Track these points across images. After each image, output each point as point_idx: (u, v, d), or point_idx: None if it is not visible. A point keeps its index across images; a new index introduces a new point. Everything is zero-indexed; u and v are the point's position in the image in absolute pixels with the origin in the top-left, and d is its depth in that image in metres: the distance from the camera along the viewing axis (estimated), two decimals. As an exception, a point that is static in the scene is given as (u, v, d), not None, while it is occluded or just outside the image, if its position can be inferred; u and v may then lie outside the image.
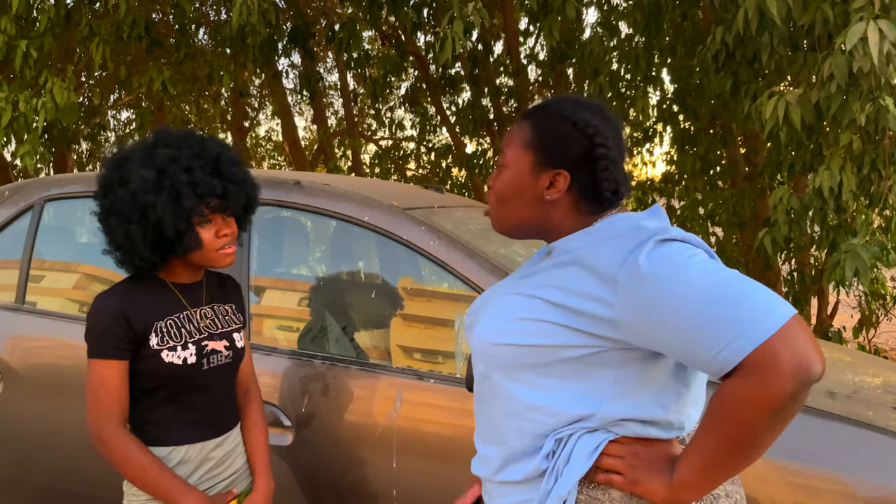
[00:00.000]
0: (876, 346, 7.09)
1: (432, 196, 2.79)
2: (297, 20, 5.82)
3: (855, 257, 3.04)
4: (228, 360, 1.69)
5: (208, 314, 1.70)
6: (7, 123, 4.65)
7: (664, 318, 1.04)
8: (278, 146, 14.24)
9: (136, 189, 1.51)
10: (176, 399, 1.61)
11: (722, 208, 6.58)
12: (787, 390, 0.96)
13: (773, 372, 0.97)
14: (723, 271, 1.04)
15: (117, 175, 1.55)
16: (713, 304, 1.01)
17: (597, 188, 1.19)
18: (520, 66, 6.64)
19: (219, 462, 1.68)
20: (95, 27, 5.26)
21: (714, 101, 5.49)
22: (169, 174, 1.52)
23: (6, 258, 2.69)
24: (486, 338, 1.20)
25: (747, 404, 0.99)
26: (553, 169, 1.19)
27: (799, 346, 0.97)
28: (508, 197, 1.24)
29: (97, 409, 1.52)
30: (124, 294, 1.58)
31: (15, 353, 2.50)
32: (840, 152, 3.19)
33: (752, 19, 3.24)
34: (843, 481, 1.74)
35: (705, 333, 1.01)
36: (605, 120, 1.21)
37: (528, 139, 1.22)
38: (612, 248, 1.11)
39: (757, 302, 1.00)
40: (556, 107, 1.22)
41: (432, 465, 2.08)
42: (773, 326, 0.98)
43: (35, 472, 2.47)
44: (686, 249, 1.08)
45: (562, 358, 1.13)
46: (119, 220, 1.52)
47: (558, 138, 1.19)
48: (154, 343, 1.57)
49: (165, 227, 1.51)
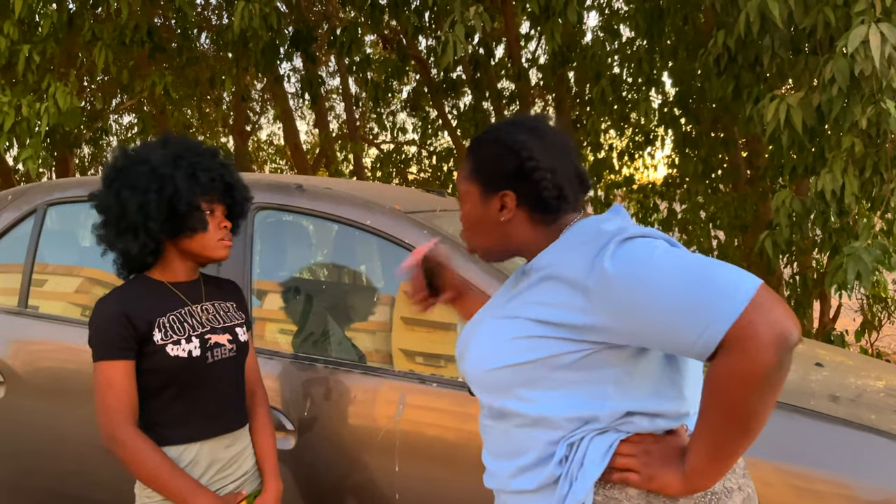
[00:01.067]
0: (878, 349, 7.08)
1: (434, 200, 2.79)
2: (299, 24, 5.83)
3: (857, 261, 3.03)
4: (233, 354, 1.71)
5: (209, 309, 1.73)
6: (10, 128, 4.66)
7: (640, 315, 1.07)
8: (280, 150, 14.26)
9: (156, 164, 1.60)
10: (183, 396, 1.63)
11: (724, 212, 6.57)
12: (770, 358, 1.00)
13: (753, 343, 1.00)
14: (685, 257, 1.07)
15: (132, 158, 1.64)
16: (683, 291, 1.04)
17: (540, 198, 1.23)
18: (521, 69, 6.64)
19: (228, 463, 1.70)
20: (98, 32, 5.27)
21: (716, 105, 5.49)
22: (185, 157, 1.64)
23: (9, 262, 2.69)
24: (481, 365, 1.22)
25: (736, 379, 1.02)
26: (497, 192, 1.25)
27: (772, 314, 1.00)
28: (473, 227, 1.31)
29: (108, 411, 1.54)
30: (123, 295, 1.62)
31: (18, 356, 2.50)
32: (842, 155, 3.19)
33: (754, 22, 3.25)
34: (846, 484, 1.74)
35: (681, 322, 1.04)
36: (532, 133, 1.25)
37: (470, 171, 1.29)
38: (578, 256, 1.14)
39: (724, 280, 1.03)
40: (489, 133, 1.29)
41: (435, 469, 2.08)
42: (744, 300, 1.01)
43: (37, 475, 2.47)
44: (647, 244, 1.10)
45: (559, 365, 1.15)
46: (135, 193, 1.58)
47: (492, 163, 1.25)
48: (158, 338, 1.59)
49: (181, 199, 1.59)
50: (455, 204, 2.88)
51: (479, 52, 6.88)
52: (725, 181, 6.86)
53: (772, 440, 1.82)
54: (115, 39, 5.34)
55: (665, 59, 6.14)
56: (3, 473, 2.52)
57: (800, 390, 2.03)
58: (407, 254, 2.28)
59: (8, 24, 4.76)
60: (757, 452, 1.81)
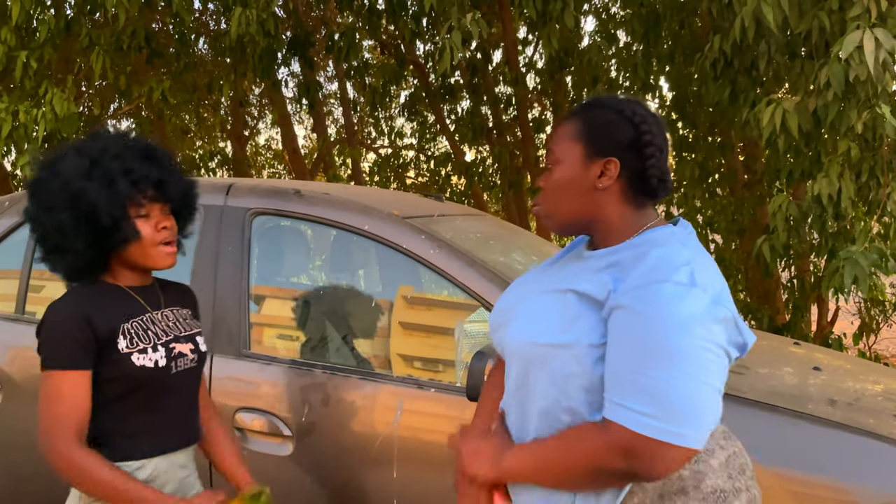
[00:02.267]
0: (876, 352, 7.08)
1: (432, 205, 2.79)
2: (297, 30, 5.84)
3: (854, 264, 3.04)
4: (194, 364, 1.63)
5: (169, 316, 1.62)
6: (7, 134, 4.66)
7: (627, 344, 1.11)
8: (278, 155, 14.25)
9: (67, 177, 1.44)
10: (145, 406, 1.52)
11: (721, 216, 6.58)
12: (619, 468, 1.10)
13: (635, 459, 1.08)
14: (698, 355, 1.08)
15: (49, 171, 1.48)
16: (663, 374, 1.08)
17: (644, 176, 1.23)
18: (519, 74, 6.65)
19: (181, 484, 1.60)
20: (95, 37, 5.27)
21: (712, 109, 5.50)
22: (101, 163, 1.46)
23: (6, 269, 2.69)
24: (525, 338, 1.24)
25: (596, 450, 1.11)
26: (603, 157, 1.23)
27: (658, 467, 1.08)
28: (560, 191, 1.27)
29: (53, 423, 1.40)
30: (82, 299, 1.48)
31: (15, 363, 2.50)
32: (838, 159, 3.20)
33: (749, 27, 3.26)
34: (844, 489, 1.74)
35: (634, 384, 1.09)
36: (650, 114, 1.26)
37: (576, 132, 1.26)
38: (640, 273, 1.15)
39: (690, 407, 1.07)
40: (600, 101, 1.28)
41: (433, 474, 2.08)
42: (675, 438, 1.06)
43: (34, 481, 2.46)
44: (692, 305, 1.09)
45: (594, 345, 1.17)
46: (49, 212, 1.44)
47: (606, 127, 1.24)
48: (123, 346, 1.48)
49: (100, 213, 1.43)
50: (453, 209, 2.88)
51: (477, 56, 6.88)
52: (722, 185, 6.86)
53: (770, 445, 1.82)
54: (112, 45, 5.35)
55: (662, 64, 6.16)
56: (1, 479, 2.52)
57: (798, 394, 2.03)
58: (405, 259, 2.28)
59: (5, 30, 4.76)
60: (756, 457, 1.80)
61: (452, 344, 2.22)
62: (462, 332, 2.17)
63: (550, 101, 7.97)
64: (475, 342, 2.15)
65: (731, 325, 1.14)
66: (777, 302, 6.08)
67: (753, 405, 1.90)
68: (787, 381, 2.16)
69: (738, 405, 1.90)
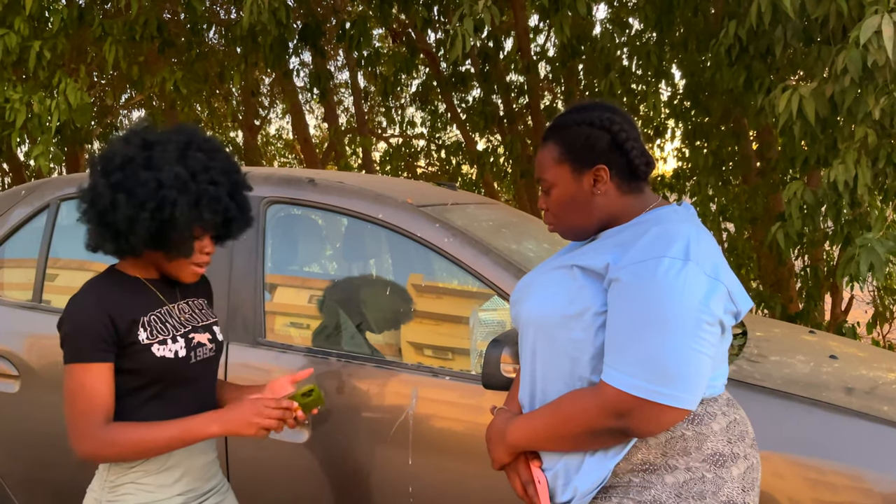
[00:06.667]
0: (890, 341, 7.03)
1: (445, 193, 2.79)
2: (308, 18, 5.83)
3: (870, 252, 3.01)
4: (212, 353, 1.66)
5: (185, 309, 1.65)
6: (21, 124, 4.69)
7: (624, 313, 1.21)
8: (289, 144, 14.28)
9: (164, 181, 1.45)
10: (163, 396, 1.55)
11: (734, 204, 6.54)
12: (614, 427, 1.21)
13: (628, 418, 1.19)
14: (690, 324, 1.17)
15: (144, 155, 1.48)
16: (656, 340, 1.16)
17: (632, 166, 1.36)
18: (530, 62, 6.62)
19: (200, 474, 1.62)
20: (108, 27, 5.29)
21: (726, 96, 5.46)
22: (198, 181, 1.49)
23: (23, 257, 2.71)
24: (537, 310, 1.34)
25: (589, 412, 1.22)
26: (591, 168, 1.35)
27: (650, 426, 1.19)
28: (565, 208, 1.39)
29: (82, 416, 1.43)
30: (103, 292, 1.50)
31: (32, 351, 2.53)
32: (855, 146, 3.16)
33: (766, 13, 3.22)
34: (861, 477, 1.73)
35: (629, 350, 1.18)
36: (612, 111, 1.37)
37: (558, 155, 1.37)
38: (638, 248, 1.24)
39: (680, 372, 1.16)
40: (565, 121, 1.38)
41: (448, 461, 2.09)
42: (664, 399, 1.17)
43: (53, 469, 2.49)
44: (686, 278, 1.18)
45: (598, 313, 1.27)
46: (129, 201, 1.44)
47: (584, 142, 1.35)
48: (143, 338, 1.50)
49: (176, 227, 1.46)
50: (466, 198, 2.88)
51: (488, 45, 6.85)
52: (736, 173, 6.82)
53: (786, 432, 1.81)
54: (124, 35, 5.36)
55: (675, 51, 6.11)
56: (20, 467, 2.55)
57: (813, 382, 2.02)
58: (419, 247, 2.28)
59: (18, 20, 4.78)
60: (770, 445, 1.80)
61: (464, 332, 2.22)
62: (477, 321, 2.18)
63: (562, 89, 7.93)
64: (490, 330, 2.15)
65: (725, 296, 1.22)
66: (790, 291, 6.05)
67: (770, 393, 1.90)
68: (802, 370, 2.15)
69: (755, 393, 1.89)
